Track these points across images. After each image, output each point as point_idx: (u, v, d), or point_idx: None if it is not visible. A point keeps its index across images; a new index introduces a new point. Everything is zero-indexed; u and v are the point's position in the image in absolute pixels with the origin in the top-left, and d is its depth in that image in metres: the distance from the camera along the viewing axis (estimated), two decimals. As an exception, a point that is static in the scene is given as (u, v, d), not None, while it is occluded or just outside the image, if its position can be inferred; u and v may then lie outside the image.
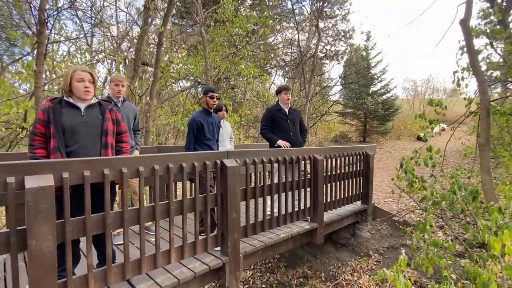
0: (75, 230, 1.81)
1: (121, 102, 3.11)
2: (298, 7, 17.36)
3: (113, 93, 3.07)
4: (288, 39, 16.19)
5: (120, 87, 3.06)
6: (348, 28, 17.75)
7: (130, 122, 3.15)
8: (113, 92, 3.07)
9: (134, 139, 3.23)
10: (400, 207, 5.03)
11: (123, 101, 3.15)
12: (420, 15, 8.84)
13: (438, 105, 4.49)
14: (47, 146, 1.93)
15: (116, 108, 3.06)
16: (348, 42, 17.64)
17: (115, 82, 3.04)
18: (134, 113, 3.23)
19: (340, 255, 4.82)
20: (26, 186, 1.57)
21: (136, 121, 3.28)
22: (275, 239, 3.10)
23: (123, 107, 3.12)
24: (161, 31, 5.74)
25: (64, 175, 1.74)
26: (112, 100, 3.09)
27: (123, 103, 3.14)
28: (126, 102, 3.20)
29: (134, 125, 3.25)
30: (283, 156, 3.21)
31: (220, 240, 2.63)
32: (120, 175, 1.97)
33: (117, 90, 3.05)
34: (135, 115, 3.24)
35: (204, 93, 3.02)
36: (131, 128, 3.17)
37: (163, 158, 2.22)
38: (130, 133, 3.13)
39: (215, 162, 2.56)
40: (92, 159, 1.87)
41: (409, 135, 16.50)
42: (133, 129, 3.22)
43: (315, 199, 3.63)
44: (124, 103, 3.15)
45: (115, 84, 3.04)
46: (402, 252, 2.53)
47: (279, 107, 3.83)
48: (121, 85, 3.06)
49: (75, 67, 2.05)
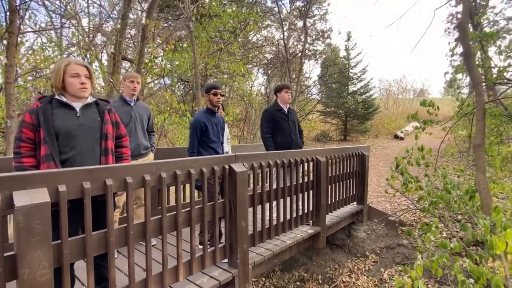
0: (74, 253, 1.54)
1: (134, 101, 2.86)
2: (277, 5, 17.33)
3: (128, 91, 2.81)
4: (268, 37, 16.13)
5: (136, 84, 2.84)
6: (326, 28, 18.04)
7: (144, 122, 2.94)
8: (128, 90, 2.81)
9: (149, 141, 3.03)
10: (394, 206, 5.09)
11: (136, 100, 2.89)
12: (400, 18, 9.06)
13: (430, 106, 4.54)
14: (36, 154, 1.63)
15: (129, 107, 2.81)
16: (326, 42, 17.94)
17: (130, 78, 2.81)
18: (148, 113, 3.01)
19: (336, 256, 4.78)
20: (15, 203, 1.29)
21: (150, 121, 3.07)
22: (282, 246, 2.95)
23: (136, 107, 2.89)
24: (146, 24, 5.37)
25: (60, 188, 1.46)
26: (124, 98, 2.83)
27: (136, 102, 2.88)
28: (139, 101, 2.95)
29: (149, 125, 3.04)
30: (288, 158, 3.06)
31: (228, 251, 2.43)
32: (125, 185, 1.72)
33: (133, 87, 2.81)
34: (148, 115, 3.02)
35: (207, 90, 2.78)
36: (145, 128, 2.97)
37: (170, 165, 1.98)
38: (144, 133, 2.93)
39: (223, 167, 2.36)
40: (92, 168, 1.60)
41: (386, 133, 17.06)
42: (147, 130, 3.01)
43: (317, 202, 3.52)
44: (137, 102, 2.91)
45: (130, 81, 2.81)
46: (419, 257, 2.48)
47: (279, 107, 3.66)
48: (136, 82, 2.85)
49: (68, 60, 1.75)
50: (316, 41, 19.00)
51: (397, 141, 14.91)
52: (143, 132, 2.93)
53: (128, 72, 3.02)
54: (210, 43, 6.76)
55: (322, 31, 18.18)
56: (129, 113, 2.80)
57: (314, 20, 19.85)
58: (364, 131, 15.25)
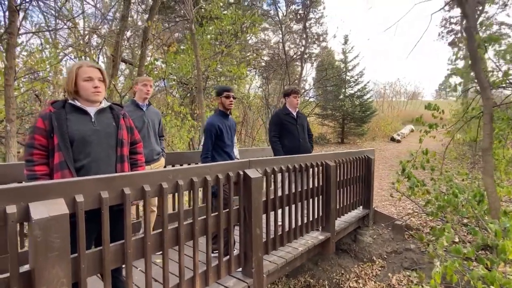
0: (91, 267, 1.45)
1: (146, 106, 2.78)
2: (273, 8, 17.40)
3: (141, 95, 2.75)
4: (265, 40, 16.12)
5: (149, 87, 2.79)
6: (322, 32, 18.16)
7: (156, 127, 2.88)
8: (140, 94, 2.75)
9: (160, 145, 2.96)
10: (399, 210, 5.06)
11: (148, 105, 2.82)
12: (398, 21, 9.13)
13: (435, 109, 4.54)
14: (48, 162, 1.54)
15: (142, 112, 2.74)
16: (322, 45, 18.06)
17: (143, 82, 2.75)
18: (158, 117, 2.96)
19: (342, 261, 4.72)
20: (32, 216, 1.20)
21: (161, 126, 3.01)
22: (294, 253, 2.88)
23: (148, 111, 2.83)
24: (147, 26, 5.28)
25: (77, 199, 1.38)
26: (137, 103, 2.75)
27: (148, 106, 2.80)
28: (150, 106, 2.88)
29: (159, 130, 2.97)
30: (299, 163, 3.00)
31: (243, 260, 2.35)
32: (142, 194, 1.64)
33: (146, 90, 2.76)
34: (159, 119, 2.95)
35: (218, 93, 2.71)
36: (157, 133, 2.90)
37: (187, 172, 1.91)
38: (156, 139, 2.86)
39: (238, 173, 2.29)
40: (110, 176, 1.52)
41: (383, 136, 17.16)
42: (158, 134, 2.95)
43: (327, 207, 3.47)
44: (149, 107, 2.83)
45: (143, 85, 2.75)
46: (437, 264, 2.43)
47: (287, 111, 3.61)
48: (149, 85, 2.81)
49: (80, 63, 1.66)
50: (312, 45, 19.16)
51: (394, 144, 15.00)
52: (156, 137, 2.87)
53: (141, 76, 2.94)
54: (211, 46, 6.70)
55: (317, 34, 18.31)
56: (142, 118, 2.73)
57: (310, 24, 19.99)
58: (362, 133, 15.32)
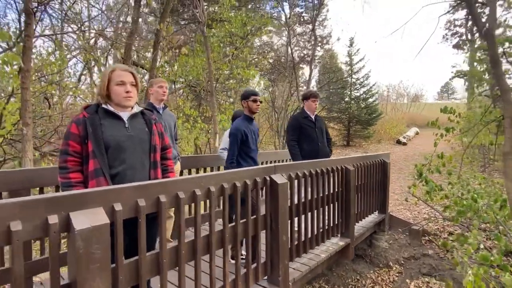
0: (127, 277, 1.40)
1: (162, 108, 2.73)
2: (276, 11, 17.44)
3: (157, 96, 2.70)
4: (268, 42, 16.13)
5: (165, 89, 2.74)
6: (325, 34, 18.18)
7: (172, 130, 2.84)
8: (157, 95, 2.71)
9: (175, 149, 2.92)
10: (414, 215, 4.99)
11: (164, 108, 2.77)
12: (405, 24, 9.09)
13: (451, 113, 4.47)
14: (82, 169, 1.49)
15: (158, 115, 2.69)
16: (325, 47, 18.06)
17: (159, 83, 2.71)
18: (174, 120, 2.92)
19: (357, 267, 4.64)
20: (75, 227, 1.15)
21: (175, 129, 2.97)
22: (317, 260, 2.82)
23: (164, 115, 2.78)
24: (159, 28, 5.26)
25: (116, 207, 1.33)
26: (153, 105, 2.71)
27: (164, 109, 2.76)
28: (166, 109, 2.83)
29: (174, 133, 2.93)
30: (320, 168, 2.95)
31: (269, 268, 2.29)
32: (177, 201, 1.59)
33: (162, 92, 2.72)
34: (174, 122, 2.91)
35: (245, 97, 2.65)
36: (173, 137, 2.87)
37: (218, 178, 1.86)
38: (173, 143, 2.82)
39: (265, 179, 2.24)
40: (147, 183, 1.47)
41: (388, 139, 17.08)
42: (173, 137, 2.91)
43: (347, 212, 3.41)
44: (165, 110, 2.78)
45: (159, 86, 2.70)
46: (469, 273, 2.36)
47: (306, 114, 3.56)
48: (165, 87, 2.76)
49: (114, 66, 1.62)
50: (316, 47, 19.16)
51: (401, 147, 14.91)
52: (172, 141, 2.81)
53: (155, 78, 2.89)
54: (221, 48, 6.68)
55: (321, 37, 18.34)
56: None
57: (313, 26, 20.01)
58: (367, 136, 15.24)
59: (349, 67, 15.47)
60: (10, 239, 1.04)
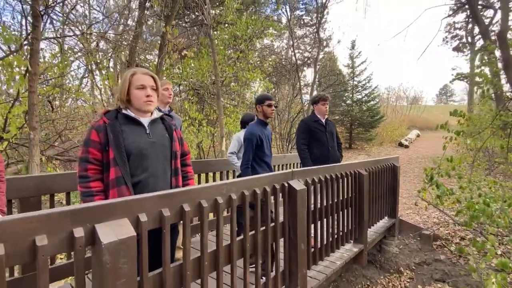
0: (151, 291, 1.34)
1: (168, 111, 2.67)
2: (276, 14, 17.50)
3: (163, 99, 2.64)
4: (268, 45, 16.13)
5: (170, 91, 2.67)
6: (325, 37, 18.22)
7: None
8: (162, 98, 2.64)
9: None
10: (423, 219, 4.93)
11: (170, 111, 2.71)
12: (408, 27, 9.08)
13: (461, 116, 4.43)
14: (103, 177, 1.43)
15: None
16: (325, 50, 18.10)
17: (164, 86, 2.64)
18: (180, 123, 2.86)
19: (367, 272, 4.57)
20: (102, 240, 1.08)
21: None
22: (333, 267, 2.75)
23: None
24: (165, 31, 5.21)
25: (141, 218, 1.27)
26: (159, 108, 2.64)
27: (169, 112, 2.69)
28: (172, 112, 2.76)
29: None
30: (335, 173, 2.89)
31: (287, 277, 2.23)
32: (200, 209, 1.53)
33: (168, 94, 2.65)
34: (180, 125, 2.83)
35: (260, 101, 2.59)
36: None
37: (238, 185, 1.80)
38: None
39: (283, 185, 2.18)
40: (171, 192, 1.41)
41: (390, 141, 17.05)
42: None
43: (360, 218, 3.35)
44: (171, 113, 2.71)
45: (164, 89, 2.63)
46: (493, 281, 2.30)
47: (316, 118, 3.50)
48: (170, 89, 2.68)
49: (134, 70, 1.56)
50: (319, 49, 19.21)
51: (403, 149, 14.88)
52: None
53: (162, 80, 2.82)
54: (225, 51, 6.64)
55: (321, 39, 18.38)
56: None
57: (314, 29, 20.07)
58: (370, 139, 15.20)
59: (351, 69, 15.47)
60: (36, 254, 0.98)
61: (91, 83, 8.66)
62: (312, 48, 18.60)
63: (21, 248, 0.97)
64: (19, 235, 0.96)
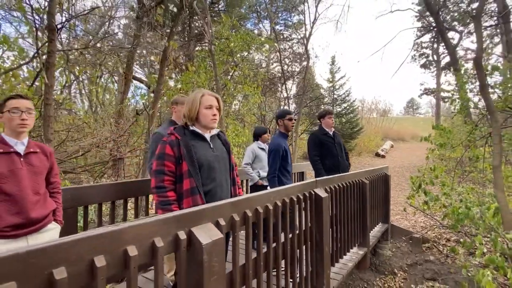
0: (226, 289, 1.49)
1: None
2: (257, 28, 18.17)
3: (181, 116, 2.72)
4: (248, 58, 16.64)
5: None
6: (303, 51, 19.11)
7: None
8: (180, 115, 2.72)
9: None
10: (412, 223, 5.35)
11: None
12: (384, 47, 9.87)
13: (442, 130, 4.95)
14: (176, 188, 1.58)
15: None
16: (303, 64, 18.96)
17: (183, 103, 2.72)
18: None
19: (364, 275, 4.86)
20: (201, 241, 1.25)
21: None
22: (346, 269, 3.00)
23: None
24: (167, 45, 5.36)
25: (220, 222, 1.44)
26: (176, 123, 2.76)
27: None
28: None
29: None
30: (346, 181, 3.18)
31: (315, 278, 2.44)
32: (256, 215, 1.72)
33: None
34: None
35: (281, 116, 2.83)
36: None
37: (280, 193, 2.00)
38: None
39: (310, 193, 2.41)
40: (238, 200, 1.59)
41: (367, 151, 17.96)
42: None
43: (363, 222, 3.65)
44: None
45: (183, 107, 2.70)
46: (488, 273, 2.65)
47: (324, 131, 3.81)
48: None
49: (202, 91, 1.74)
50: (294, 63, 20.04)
51: (380, 159, 15.75)
52: None
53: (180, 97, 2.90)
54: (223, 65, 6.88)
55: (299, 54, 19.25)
56: None
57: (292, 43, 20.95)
58: (350, 149, 15.94)
59: (331, 83, 16.27)
60: (156, 254, 1.13)
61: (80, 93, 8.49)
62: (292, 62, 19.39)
63: (145, 249, 1.11)
64: (143, 237, 1.11)
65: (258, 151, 3.59)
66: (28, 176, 1.60)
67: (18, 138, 1.64)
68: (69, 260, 0.89)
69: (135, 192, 2.78)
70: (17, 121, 1.59)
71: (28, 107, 1.65)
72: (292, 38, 20.59)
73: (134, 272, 1.04)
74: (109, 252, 0.99)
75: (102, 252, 0.97)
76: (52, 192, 1.79)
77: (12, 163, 1.56)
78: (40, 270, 0.83)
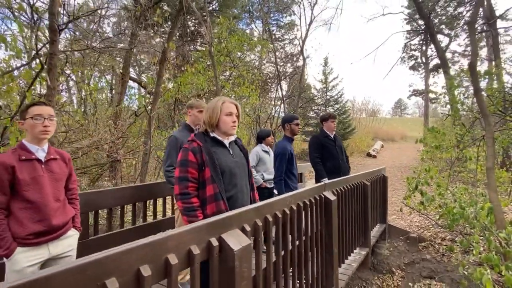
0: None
1: (197, 130, 2.79)
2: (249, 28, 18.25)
3: (195, 120, 2.72)
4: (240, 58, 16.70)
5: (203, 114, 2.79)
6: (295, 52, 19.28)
7: None
8: (195, 120, 2.72)
9: None
10: (408, 223, 5.50)
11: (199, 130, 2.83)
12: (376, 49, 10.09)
13: (437, 132, 5.11)
14: (198, 194, 1.61)
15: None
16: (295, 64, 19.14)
17: (199, 108, 2.71)
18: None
19: (362, 274, 4.96)
20: (232, 247, 1.28)
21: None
22: (351, 269, 3.08)
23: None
24: (166, 47, 5.33)
25: (246, 228, 1.47)
26: (191, 127, 2.76)
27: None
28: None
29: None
30: (350, 183, 3.25)
31: (325, 279, 2.49)
32: (276, 220, 1.76)
33: (201, 117, 2.74)
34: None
35: (289, 120, 2.88)
36: None
37: (295, 197, 2.05)
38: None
39: (320, 196, 2.47)
40: (260, 205, 1.62)
41: (359, 151, 18.24)
42: None
43: (365, 224, 3.74)
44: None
45: (199, 111, 2.70)
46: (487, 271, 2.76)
47: (325, 134, 3.87)
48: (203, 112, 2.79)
49: (222, 98, 1.76)
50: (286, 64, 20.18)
51: (372, 159, 16.02)
52: None
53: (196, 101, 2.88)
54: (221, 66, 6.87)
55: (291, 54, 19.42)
56: None
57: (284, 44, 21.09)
58: (342, 149, 16.16)
59: (324, 85, 16.45)
60: (193, 261, 1.15)
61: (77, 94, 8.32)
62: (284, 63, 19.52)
63: (182, 256, 1.14)
64: (182, 245, 1.13)
65: (262, 154, 3.63)
66: (49, 183, 1.59)
67: (39, 145, 1.63)
68: (119, 270, 0.91)
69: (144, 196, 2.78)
70: (40, 127, 1.58)
71: (51, 114, 1.64)
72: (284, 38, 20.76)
73: (175, 281, 1.06)
74: (153, 261, 1.01)
75: (146, 262, 0.99)
76: (70, 199, 1.78)
77: (34, 170, 1.55)
78: (94, 281, 0.85)
